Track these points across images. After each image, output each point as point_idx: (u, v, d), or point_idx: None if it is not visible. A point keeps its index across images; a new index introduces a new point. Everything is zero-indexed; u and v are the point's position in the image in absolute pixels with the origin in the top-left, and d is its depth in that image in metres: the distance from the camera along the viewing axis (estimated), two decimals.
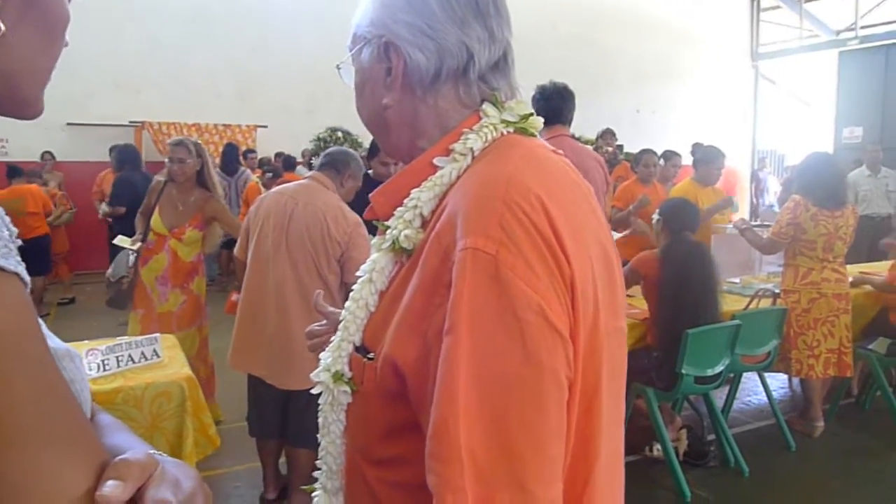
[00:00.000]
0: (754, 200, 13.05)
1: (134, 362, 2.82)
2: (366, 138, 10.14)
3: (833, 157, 4.26)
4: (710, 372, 3.35)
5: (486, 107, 0.87)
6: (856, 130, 11.62)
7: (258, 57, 10.13)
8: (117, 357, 2.78)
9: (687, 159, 6.22)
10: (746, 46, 14.85)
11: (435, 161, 0.84)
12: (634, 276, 3.45)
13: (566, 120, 3.46)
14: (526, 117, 0.87)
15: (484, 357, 0.67)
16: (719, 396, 4.00)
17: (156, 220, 3.91)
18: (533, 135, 0.88)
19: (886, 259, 5.23)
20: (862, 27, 12.36)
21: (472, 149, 0.83)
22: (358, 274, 0.88)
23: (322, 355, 0.90)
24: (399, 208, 0.84)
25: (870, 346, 4.08)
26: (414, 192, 0.83)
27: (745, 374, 4.19)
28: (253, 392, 3.15)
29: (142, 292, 3.91)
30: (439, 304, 0.71)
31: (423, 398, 0.72)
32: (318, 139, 10.12)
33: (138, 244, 3.96)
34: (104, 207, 6.80)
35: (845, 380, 4.13)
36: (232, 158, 8.35)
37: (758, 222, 4.93)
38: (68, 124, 9.21)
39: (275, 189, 3.15)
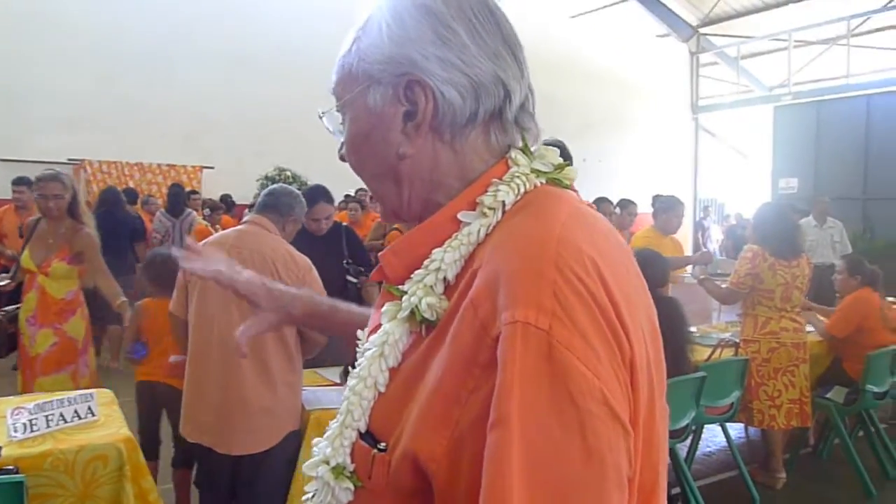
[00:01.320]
0: (703, 248, 13.37)
1: (66, 422, 2.56)
2: (316, 181, 10.01)
3: (786, 207, 4.34)
4: (676, 425, 3.27)
5: (516, 154, 0.76)
6: (791, 181, 12.07)
7: (206, 97, 9.94)
8: (47, 416, 2.52)
9: (644, 207, 6.29)
10: (687, 99, 15.42)
11: (460, 216, 0.72)
12: None
13: None
14: (561, 167, 0.77)
15: (539, 456, 0.55)
16: (681, 447, 3.93)
17: (25, 258, 3.76)
18: (567, 187, 0.77)
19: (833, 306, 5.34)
20: (795, 83, 12.98)
21: (503, 202, 0.71)
22: (366, 346, 0.74)
23: (318, 445, 0.75)
24: (417, 271, 0.71)
25: (827, 395, 4.10)
26: (436, 253, 0.71)
27: None
28: (201, 467, 2.86)
29: (21, 337, 3.75)
30: (474, 389, 0.60)
31: (453, 499, 0.61)
32: (267, 178, 9.93)
33: (5, 282, 3.85)
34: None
35: (804, 429, 4.13)
36: (178, 199, 8.06)
37: (718, 271, 4.97)
38: (4, 160, 8.79)
39: (211, 239, 2.94)
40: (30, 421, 2.49)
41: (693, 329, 4.55)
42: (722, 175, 15.72)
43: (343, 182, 8.90)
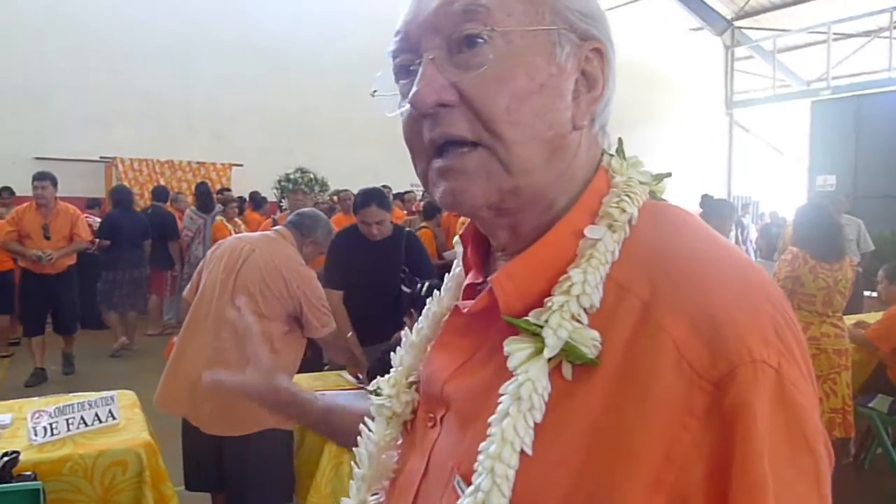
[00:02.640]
0: (741, 245, 13.13)
1: (87, 425, 2.55)
2: (342, 179, 10.02)
3: (827, 209, 4.17)
4: None
5: (613, 161, 0.68)
6: (829, 179, 11.75)
7: (235, 95, 9.98)
8: (67, 420, 2.51)
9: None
10: (721, 94, 15.11)
11: (587, 231, 0.62)
12: None
13: None
14: (659, 177, 0.69)
15: None
16: None
17: None
18: (663, 201, 0.68)
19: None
20: (833, 78, 12.63)
21: (632, 215, 0.62)
22: (502, 398, 0.58)
23: None
24: (555, 297, 0.59)
25: (870, 405, 3.93)
26: (574, 274, 0.59)
27: None
28: (186, 441, 2.88)
29: None
30: (692, 444, 0.51)
31: None
32: (289, 180, 9.95)
33: None
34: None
35: (845, 440, 3.96)
36: (208, 197, 8.19)
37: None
38: (36, 158, 8.91)
39: (237, 235, 3.09)
40: (50, 424, 2.47)
41: None
42: (757, 172, 15.38)
43: (371, 179, 8.88)
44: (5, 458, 2.12)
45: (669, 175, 0.68)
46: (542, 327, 0.58)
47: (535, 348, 0.58)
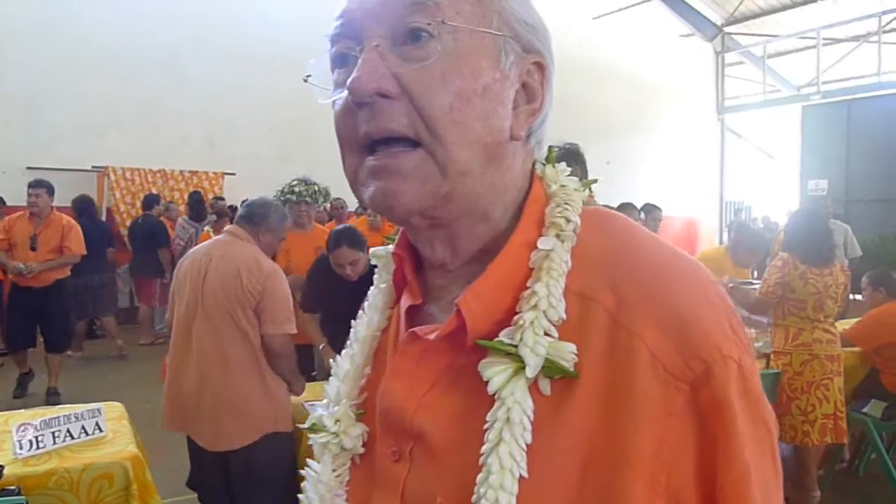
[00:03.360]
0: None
1: (73, 438, 2.52)
2: (339, 186, 9.98)
3: (818, 213, 4.18)
4: None
5: (547, 170, 0.67)
6: (821, 183, 11.80)
7: (228, 103, 9.95)
8: (53, 433, 2.48)
9: (669, 211, 6.17)
10: (712, 100, 15.17)
11: (540, 243, 0.61)
12: None
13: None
14: (588, 184, 0.68)
15: (765, 496, 0.55)
16: None
17: None
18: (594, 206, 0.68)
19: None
20: (823, 82, 12.69)
21: (576, 224, 0.62)
22: (492, 425, 0.56)
23: None
24: (524, 314, 0.58)
25: (864, 410, 3.93)
26: (539, 288, 0.58)
27: None
28: (193, 452, 2.93)
29: None
30: (676, 442, 0.53)
31: None
32: (293, 192, 9.88)
33: None
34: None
35: (839, 445, 3.96)
36: (200, 206, 8.18)
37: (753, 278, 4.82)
38: (28, 168, 8.86)
39: (191, 250, 3.04)
40: (36, 437, 2.44)
41: None
42: (749, 177, 15.43)
43: None
44: None
45: (596, 181, 0.71)
46: (516, 346, 0.57)
47: (513, 368, 0.56)
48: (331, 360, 0.76)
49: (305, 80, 0.65)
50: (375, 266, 0.77)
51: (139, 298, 8.46)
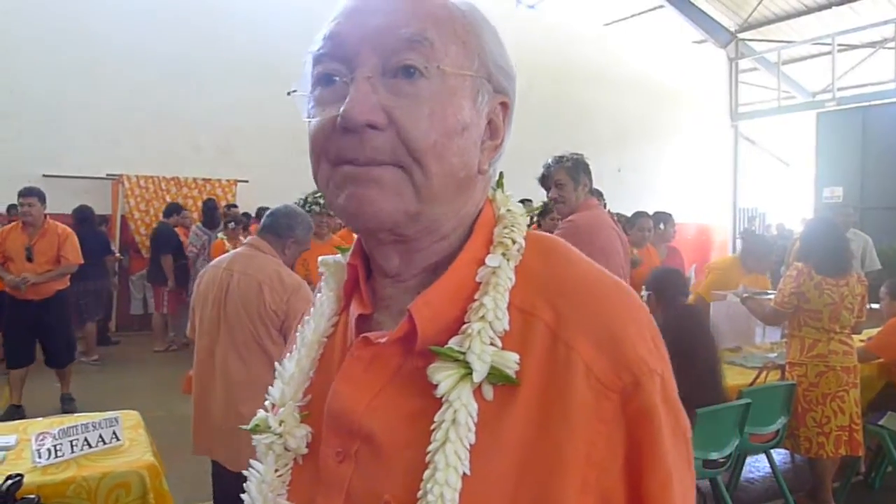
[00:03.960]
0: None
1: (90, 447, 2.54)
2: None
3: (835, 223, 4.15)
4: (719, 455, 3.12)
5: (497, 193, 0.73)
6: (836, 190, 11.72)
7: (239, 110, 10.02)
8: (71, 441, 2.50)
9: (682, 218, 6.18)
10: (726, 107, 15.09)
11: (488, 260, 0.66)
12: None
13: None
14: (532, 210, 0.77)
15: (684, 499, 0.62)
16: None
17: None
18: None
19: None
20: (839, 89, 12.60)
21: (521, 245, 0.68)
22: (439, 425, 0.60)
23: None
24: (473, 325, 0.62)
25: (880, 423, 3.89)
26: (487, 300, 0.63)
27: None
28: (217, 478, 2.89)
29: None
30: (605, 446, 0.59)
31: None
32: (318, 203, 9.92)
33: None
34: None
35: (855, 458, 3.92)
36: (213, 213, 8.23)
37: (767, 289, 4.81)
38: (44, 176, 8.96)
39: (212, 262, 2.92)
40: (54, 447, 2.47)
41: (733, 345, 4.41)
42: (763, 184, 15.33)
43: None
44: (9, 482, 2.12)
45: (539, 208, 0.78)
46: (464, 353, 0.61)
47: (460, 374, 0.61)
48: (276, 363, 0.77)
49: (289, 94, 0.69)
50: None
51: (155, 305, 8.54)
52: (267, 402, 0.74)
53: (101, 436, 2.58)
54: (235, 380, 2.63)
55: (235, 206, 9.20)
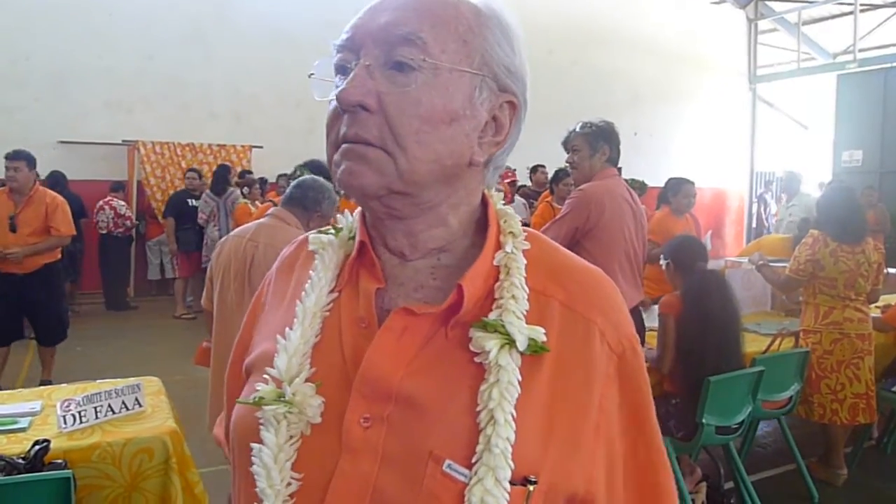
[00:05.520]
0: (765, 223, 12.98)
1: (114, 413, 2.60)
2: None
3: (850, 189, 4.11)
4: (731, 422, 3.15)
5: (493, 192, 0.82)
6: (855, 154, 11.54)
7: (254, 76, 9.98)
8: (95, 408, 2.56)
9: (700, 182, 6.18)
10: (744, 69, 14.81)
11: (506, 246, 0.76)
12: (663, 322, 3.25)
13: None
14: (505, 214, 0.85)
15: (658, 437, 0.79)
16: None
17: None
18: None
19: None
20: (860, 50, 12.32)
21: (523, 234, 0.79)
22: (491, 386, 0.68)
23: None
24: (506, 302, 0.72)
25: (894, 388, 3.90)
26: (515, 281, 0.73)
27: None
28: None
29: None
30: (610, 398, 0.74)
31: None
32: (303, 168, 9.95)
33: None
34: None
35: (868, 423, 3.94)
36: (221, 179, 8.26)
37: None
38: (60, 142, 9.02)
39: (234, 232, 2.86)
40: (79, 412, 2.52)
41: (748, 312, 4.40)
42: (781, 148, 15.10)
43: None
44: (37, 447, 2.18)
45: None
46: (501, 325, 0.70)
47: (502, 342, 0.69)
48: (277, 337, 0.78)
49: (310, 76, 0.75)
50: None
51: (178, 271, 8.66)
52: (273, 373, 0.75)
53: (123, 402, 2.64)
54: None
55: (250, 173, 9.23)
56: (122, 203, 8.63)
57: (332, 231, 0.85)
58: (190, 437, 2.77)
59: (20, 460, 2.13)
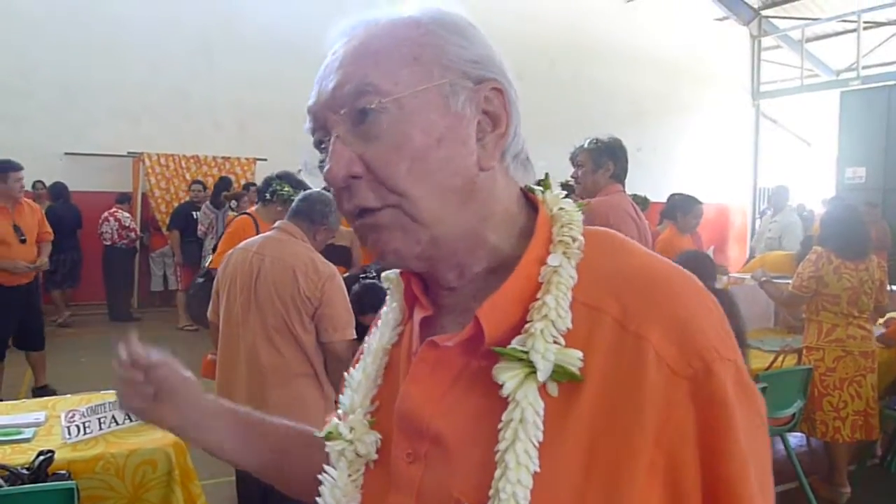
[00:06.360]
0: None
1: (118, 424, 2.62)
2: None
3: (854, 206, 4.13)
4: None
5: (546, 194, 0.73)
6: (859, 171, 11.53)
7: (259, 89, 10.04)
8: (99, 419, 2.58)
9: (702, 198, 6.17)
10: (747, 85, 14.87)
11: (550, 259, 0.67)
12: None
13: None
14: (581, 206, 0.74)
15: (762, 477, 0.62)
16: None
17: None
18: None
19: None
20: (864, 67, 12.36)
21: (581, 241, 0.68)
22: (507, 425, 0.62)
23: None
24: (535, 324, 0.63)
25: None
26: (549, 300, 0.64)
27: None
28: (238, 471, 2.91)
29: None
30: (675, 430, 0.60)
31: None
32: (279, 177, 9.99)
33: None
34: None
35: (871, 441, 3.93)
36: (221, 192, 8.30)
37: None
38: (66, 153, 9.08)
39: (241, 245, 2.88)
40: (83, 423, 2.54)
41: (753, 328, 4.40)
42: (784, 164, 15.12)
43: None
44: (41, 458, 2.19)
45: (588, 203, 0.77)
46: (527, 353, 0.62)
47: (525, 373, 0.62)
48: (344, 374, 0.81)
49: (298, 172, 0.72)
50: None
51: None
52: (339, 411, 0.78)
53: (127, 413, 2.64)
54: (265, 365, 2.61)
55: (254, 185, 9.24)
56: (127, 214, 8.68)
57: None
58: (194, 448, 2.77)
59: (24, 471, 2.14)
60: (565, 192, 0.74)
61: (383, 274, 0.83)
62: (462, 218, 0.67)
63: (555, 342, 0.62)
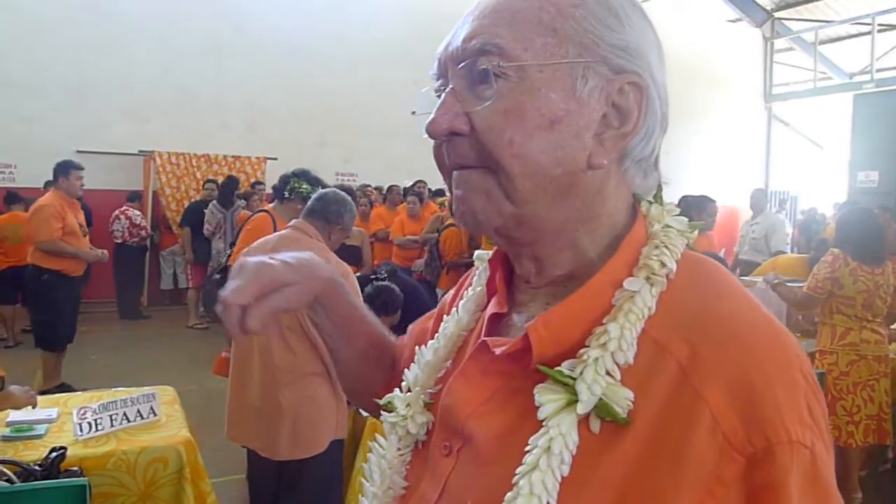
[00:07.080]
0: None
1: (129, 421, 2.63)
2: (376, 172, 10.06)
3: (870, 211, 4.09)
4: None
5: (652, 208, 0.67)
6: (871, 175, 11.43)
7: (268, 89, 10.09)
8: (111, 416, 2.59)
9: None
10: (760, 87, 14.80)
11: (627, 284, 0.60)
12: None
13: None
14: (696, 227, 0.68)
15: None
16: None
17: None
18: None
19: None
20: (878, 70, 12.28)
21: (671, 269, 0.61)
22: (532, 450, 0.57)
23: None
24: (589, 350, 0.58)
25: None
26: (612, 328, 0.58)
27: None
28: (250, 466, 2.91)
29: None
30: None
31: None
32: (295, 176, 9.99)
33: None
34: None
35: (883, 447, 3.89)
36: (228, 191, 8.29)
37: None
38: (78, 152, 9.11)
39: (256, 243, 2.88)
40: (95, 420, 2.55)
41: None
42: (796, 167, 15.04)
43: (405, 174, 8.89)
44: (54, 455, 2.20)
45: (704, 224, 0.70)
46: (575, 380, 0.57)
47: (566, 400, 0.57)
48: (416, 348, 0.79)
49: (413, 114, 0.69)
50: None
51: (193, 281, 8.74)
52: (403, 384, 0.77)
53: (139, 411, 2.66)
54: (278, 364, 2.61)
55: (262, 184, 9.27)
56: (138, 213, 8.72)
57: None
58: (203, 446, 2.78)
59: (37, 467, 2.15)
60: (679, 210, 0.68)
61: (476, 253, 0.81)
62: (556, 210, 0.62)
63: (609, 375, 0.57)
